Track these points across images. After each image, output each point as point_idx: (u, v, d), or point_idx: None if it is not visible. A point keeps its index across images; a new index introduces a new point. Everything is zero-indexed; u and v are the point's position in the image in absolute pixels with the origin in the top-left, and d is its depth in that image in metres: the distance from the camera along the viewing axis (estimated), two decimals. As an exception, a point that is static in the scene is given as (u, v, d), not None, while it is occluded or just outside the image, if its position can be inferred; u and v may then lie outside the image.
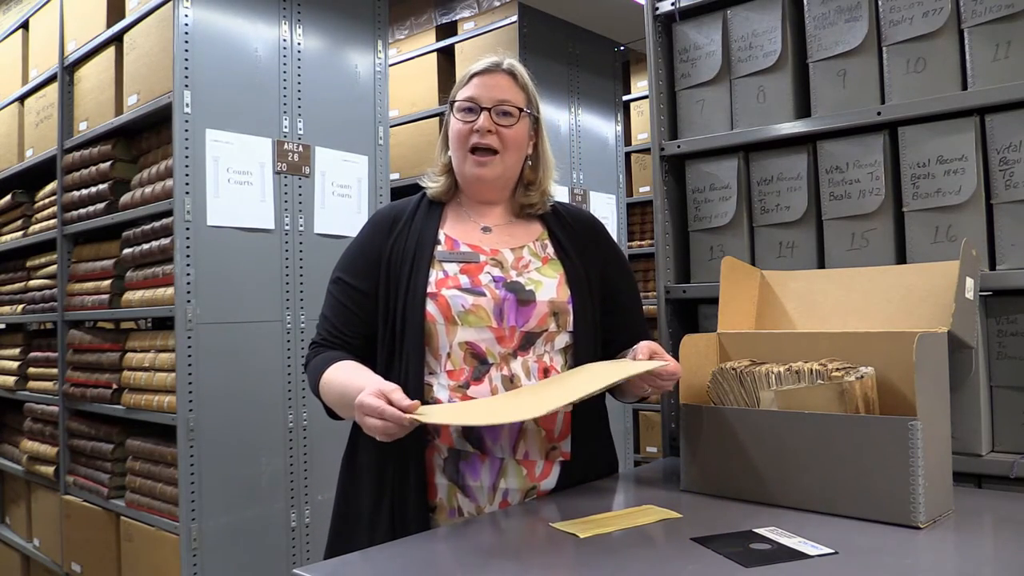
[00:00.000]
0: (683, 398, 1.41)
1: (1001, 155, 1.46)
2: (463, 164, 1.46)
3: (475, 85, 1.45)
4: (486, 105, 1.43)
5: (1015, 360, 1.44)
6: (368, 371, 1.36)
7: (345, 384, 1.34)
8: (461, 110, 1.45)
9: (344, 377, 1.36)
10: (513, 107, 1.45)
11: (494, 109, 1.43)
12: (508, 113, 1.44)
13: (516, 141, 1.46)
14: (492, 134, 1.43)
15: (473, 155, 1.44)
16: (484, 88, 1.44)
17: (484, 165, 1.44)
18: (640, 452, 4.81)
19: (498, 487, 1.35)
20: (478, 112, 1.43)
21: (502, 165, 1.46)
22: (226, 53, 2.50)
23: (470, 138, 1.44)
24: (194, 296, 2.37)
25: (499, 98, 1.44)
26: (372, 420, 1.20)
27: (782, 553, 1.04)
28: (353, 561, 1.12)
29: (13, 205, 3.56)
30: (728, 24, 1.80)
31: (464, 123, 1.44)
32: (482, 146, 1.43)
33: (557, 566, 1.08)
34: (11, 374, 3.50)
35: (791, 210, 1.71)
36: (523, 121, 1.47)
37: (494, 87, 1.45)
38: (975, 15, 1.48)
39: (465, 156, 1.45)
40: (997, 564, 1.06)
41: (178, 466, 2.34)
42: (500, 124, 1.43)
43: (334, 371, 1.38)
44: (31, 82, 3.35)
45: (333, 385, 1.37)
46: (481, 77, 1.46)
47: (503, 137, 1.44)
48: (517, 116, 1.45)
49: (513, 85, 1.47)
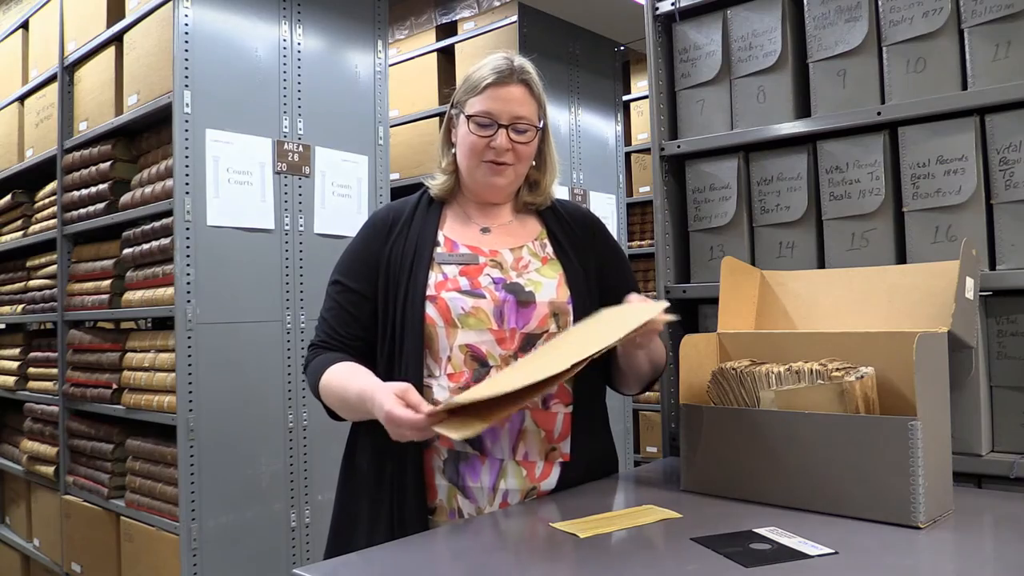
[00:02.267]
0: (683, 398, 1.41)
1: (1001, 155, 1.46)
2: (476, 170, 1.46)
3: (491, 98, 1.42)
4: (504, 122, 1.42)
5: (1015, 360, 1.44)
6: (366, 371, 1.36)
7: (344, 386, 1.34)
8: (478, 124, 1.43)
9: (343, 378, 1.36)
10: (529, 124, 1.44)
11: (511, 127, 1.42)
12: (524, 130, 1.44)
13: (529, 155, 1.47)
14: (509, 151, 1.43)
15: (487, 163, 1.44)
16: (501, 102, 1.42)
17: (500, 174, 1.45)
18: (640, 452, 4.81)
19: (498, 488, 1.35)
20: (495, 128, 1.42)
21: (515, 175, 1.47)
22: (226, 53, 2.50)
23: (486, 152, 1.43)
24: (194, 296, 2.37)
25: (516, 114, 1.42)
26: (407, 432, 1.21)
27: (782, 553, 1.04)
28: (353, 561, 1.12)
29: (13, 205, 3.56)
30: (728, 24, 1.80)
31: (480, 137, 1.43)
32: (499, 162, 1.44)
33: (557, 566, 1.08)
34: (11, 374, 3.50)
35: (791, 210, 1.71)
36: (536, 135, 1.47)
37: (511, 100, 1.42)
38: (975, 15, 1.48)
39: (479, 164, 1.45)
40: (997, 564, 1.06)
41: (178, 466, 2.34)
42: (516, 141, 1.43)
43: (333, 373, 1.38)
44: (31, 82, 3.35)
45: (332, 387, 1.37)
46: (496, 89, 1.42)
47: (518, 152, 1.44)
48: (533, 132, 1.45)
49: (528, 97, 1.45)
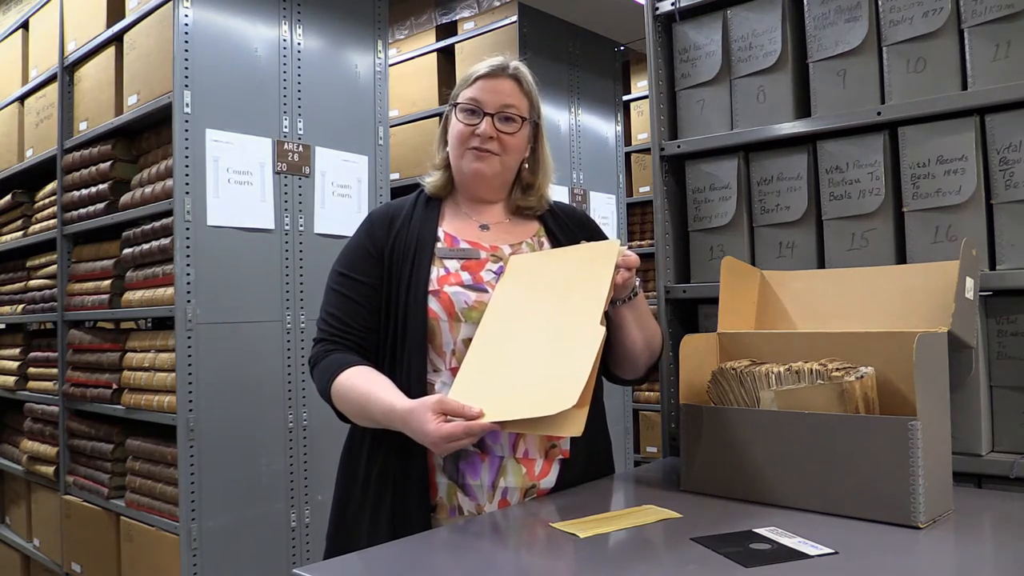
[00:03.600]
0: (683, 398, 1.41)
1: (1001, 155, 1.46)
2: (461, 160, 1.46)
3: (479, 88, 1.45)
4: (489, 110, 1.43)
5: (1015, 360, 1.44)
6: (386, 382, 1.34)
7: (366, 398, 1.33)
8: (464, 111, 1.45)
9: (363, 389, 1.34)
10: (516, 114, 1.45)
11: (497, 115, 1.43)
12: (511, 119, 1.44)
13: (516, 147, 1.47)
14: (493, 140, 1.43)
15: (471, 151, 1.44)
16: (488, 92, 1.44)
17: (483, 160, 1.45)
18: (640, 452, 4.81)
19: (498, 486, 1.35)
20: (480, 116, 1.43)
21: (500, 165, 1.47)
22: (226, 53, 2.50)
23: (470, 140, 1.44)
24: (194, 296, 2.37)
25: (503, 103, 1.44)
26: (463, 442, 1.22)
27: (782, 553, 1.04)
28: (353, 561, 1.12)
29: (13, 205, 3.56)
30: (728, 24, 1.80)
31: (466, 125, 1.44)
32: (483, 149, 1.44)
33: (557, 566, 1.08)
34: (11, 374, 3.50)
35: (791, 210, 1.71)
36: (524, 128, 1.47)
37: (498, 91, 1.44)
38: (975, 15, 1.48)
39: (464, 153, 1.45)
40: (997, 564, 1.06)
41: (178, 466, 2.34)
42: (502, 130, 1.44)
43: (349, 379, 1.35)
44: (31, 82, 3.35)
45: (350, 396, 1.35)
46: (486, 80, 1.45)
47: (503, 143, 1.44)
48: (520, 123, 1.46)
49: (517, 91, 1.46)
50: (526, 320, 1.32)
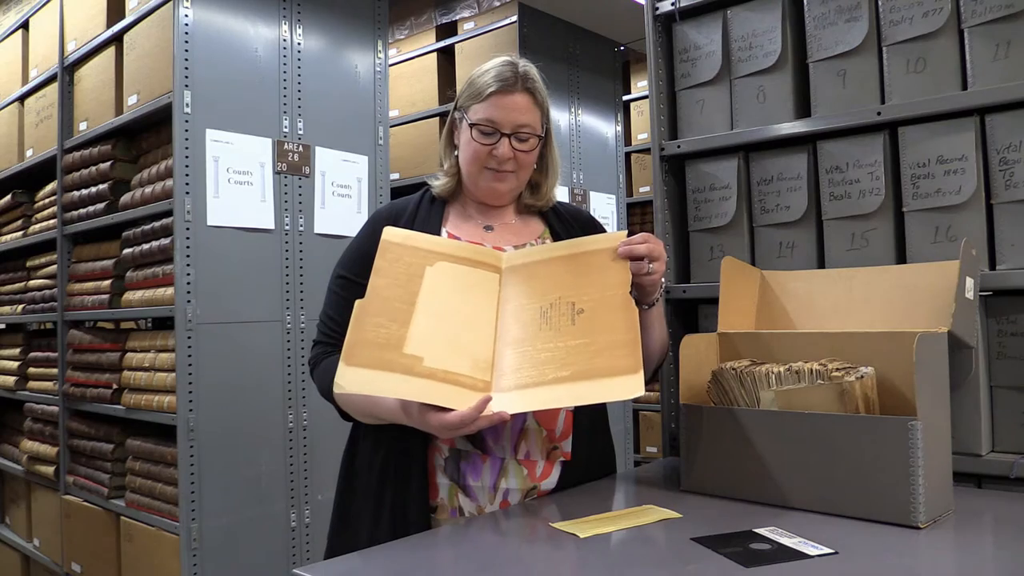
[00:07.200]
0: (683, 398, 1.41)
1: (1001, 155, 1.46)
2: (478, 177, 1.46)
3: (494, 105, 1.42)
4: (506, 131, 1.42)
5: (1015, 360, 1.44)
6: None
7: (372, 399, 1.33)
8: (481, 132, 1.43)
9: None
10: (531, 133, 1.44)
11: (514, 135, 1.42)
12: (526, 138, 1.44)
13: (531, 162, 1.48)
14: (511, 160, 1.43)
15: (489, 171, 1.44)
16: (504, 110, 1.42)
17: (502, 181, 1.45)
18: (640, 452, 4.81)
19: (499, 487, 1.35)
20: (497, 136, 1.42)
21: (517, 181, 1.47)
22: (226, 53, 2.50)
23: (488, 161, 1.43)
24: (194, 296, 2.37)
25: (518, 122, 1.42)
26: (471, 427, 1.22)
27: (782, 553, 1.04)
28: (353, 561, 1.12)
29: (13, 205, 3.56)
30: (728, 24, 1.80)
31: (482, 145, 1.43)
32: (501, 170, 1.44)
33: (557, 566, 1.08)
34: (11, 374, 3.50)
35: (791, 210, 1.71)
36: (538, 141, 1.47)
37: (513, 109, 1.42)
38: (975, 15, 1.48)
39: (480, 171, 1.45)
40: (997, 564, 1.06)
41: (178, 466, 2.34)
42: (518, 149, 1.43)
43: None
44: (31, 82, 3.35)
45: (355, 397, 1.35)
46: (499, 97, 1.41)
47: (519, 160, 1.44)
48: (535, 141, 1.46)
49: (532, 105, 1.44)
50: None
